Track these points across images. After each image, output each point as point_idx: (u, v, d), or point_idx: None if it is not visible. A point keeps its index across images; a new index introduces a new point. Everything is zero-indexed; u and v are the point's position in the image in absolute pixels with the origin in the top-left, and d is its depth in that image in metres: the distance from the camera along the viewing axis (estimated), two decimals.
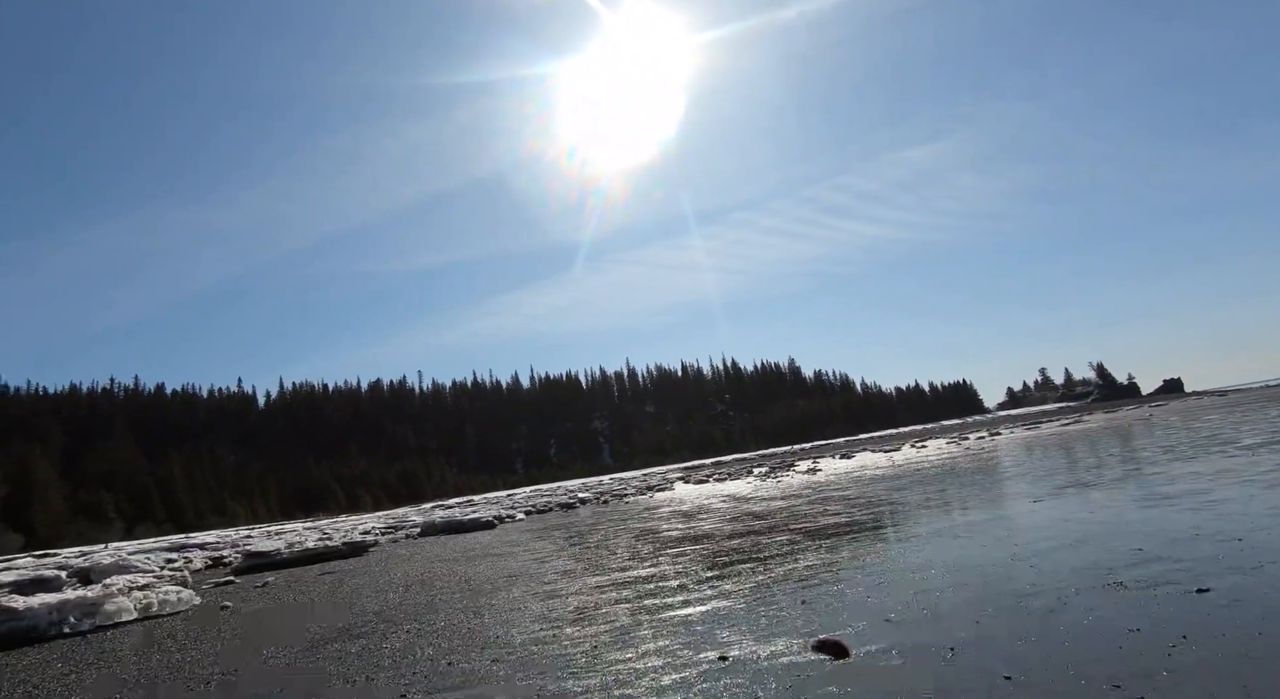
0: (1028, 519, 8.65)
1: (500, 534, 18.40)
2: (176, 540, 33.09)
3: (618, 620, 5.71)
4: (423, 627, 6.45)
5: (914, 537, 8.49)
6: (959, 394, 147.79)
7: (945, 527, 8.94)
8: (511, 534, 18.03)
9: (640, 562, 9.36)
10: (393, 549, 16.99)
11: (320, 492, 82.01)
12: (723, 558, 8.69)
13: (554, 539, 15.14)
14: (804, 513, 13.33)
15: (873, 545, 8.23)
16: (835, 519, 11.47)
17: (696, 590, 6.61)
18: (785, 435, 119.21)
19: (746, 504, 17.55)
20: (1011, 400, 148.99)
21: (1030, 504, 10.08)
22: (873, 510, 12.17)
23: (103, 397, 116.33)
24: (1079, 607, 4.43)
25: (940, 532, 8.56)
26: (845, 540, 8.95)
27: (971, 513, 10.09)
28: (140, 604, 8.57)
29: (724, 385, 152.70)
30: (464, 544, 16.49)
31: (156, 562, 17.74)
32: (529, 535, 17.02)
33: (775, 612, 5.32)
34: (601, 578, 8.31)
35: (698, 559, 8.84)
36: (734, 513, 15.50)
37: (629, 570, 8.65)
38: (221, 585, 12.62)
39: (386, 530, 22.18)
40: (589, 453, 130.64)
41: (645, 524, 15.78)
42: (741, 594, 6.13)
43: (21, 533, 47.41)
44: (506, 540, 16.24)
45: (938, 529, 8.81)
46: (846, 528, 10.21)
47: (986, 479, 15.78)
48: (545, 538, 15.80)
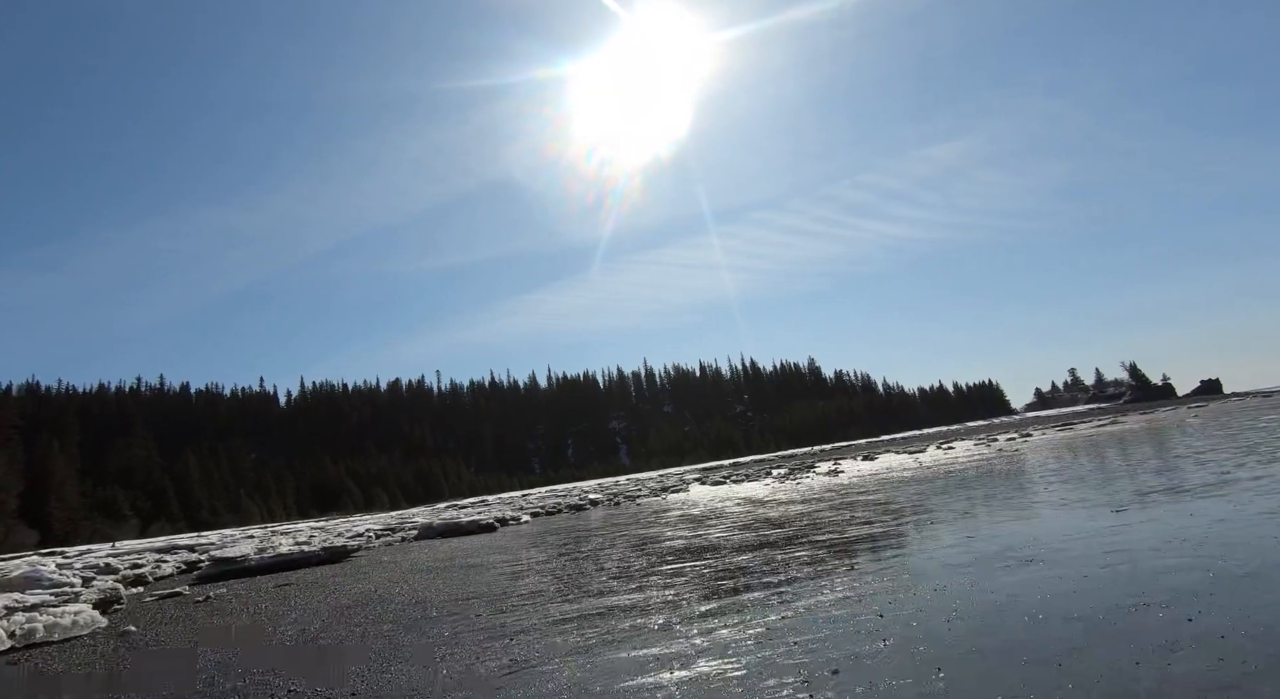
0: (1123, 536, 6.72)
1: (496, 539, 16.80)
2: (174, 541, 32.18)
3: (558, 686, 3.99)
4: (282, 688, 4.77)
5: (979, 558, 6.60)
6: (985, 395, 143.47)
7: (1013, 543, 7.05)
8: (507, 539, 16.42)
9: (627, 582, 7.63)
10: (375, 555, 15.43)
11: (336, 490, 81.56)
12: (726, 581, 6.91)
13: (547, 546, 13.48)
14: (827, 520, 11.48)
15: (924, 568, 6.38)
16: (865, 529, 9.60)
17: (683, 634, 4.85)
18: (805, 436, 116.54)
19: (762, 509, 15.72)
20: (1040, 401, 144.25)
21: (1112, 514, 8.12)
22: (908, 519, 10.28)
23: (129, 396, 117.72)
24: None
25: (1009, 551, 6.67)
26: (883, 559, 7.12)
27: (1037, 523, 8.17)
28: (22, 630, 7.08)
29: (743, 385, 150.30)
30: (452, 550, 14.92)
31: (118, 566, 16.47)
32: (525, 541, 15.40)
33: (791, 687, 3.54)
34: (570, 606, 6.58)
35: (695, 582, 7.07)
36: (747, 519, 13.70)
37: (608, 595, 6.92)
38: (166, 598, 11.13)
39: (384, 533, 20.71)
40: (606, 453, 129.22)
41: (649, 530, 14.05)
42: (744, 646, 4.35)
43: (37, 529, 47.23)
44: (498, 546, 14.63)
45: (1005, 547, 6.92)
46: (880, 541, 8.36)
47: (1037, 483, 13.74)
48: (539, 544, 14.16)
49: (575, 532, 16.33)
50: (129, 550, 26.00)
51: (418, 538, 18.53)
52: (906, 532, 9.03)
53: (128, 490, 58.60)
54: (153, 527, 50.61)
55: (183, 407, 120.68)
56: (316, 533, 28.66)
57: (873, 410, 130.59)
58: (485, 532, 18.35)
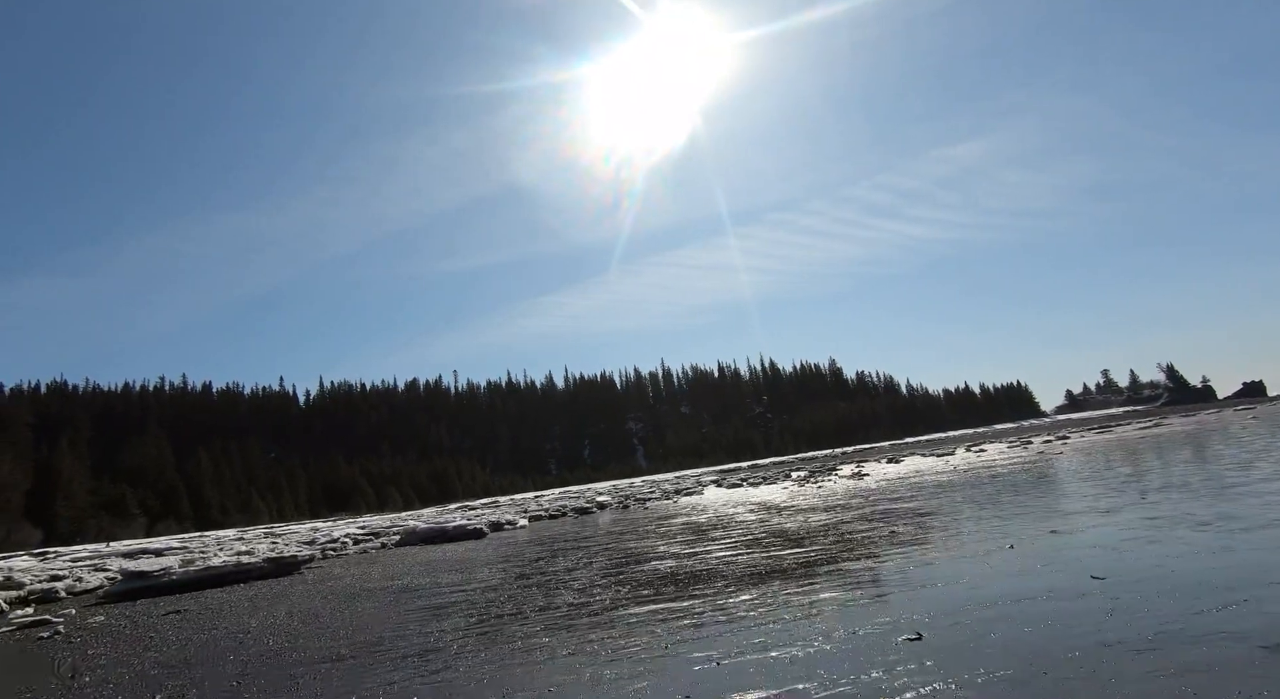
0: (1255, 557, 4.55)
1: (474, 548, 14.92)
2: (145, 545, 30.93)
3: None
4: None
5: (1115, 610, 4.46)
6: (1013, 396, 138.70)
7: (1146, 575, 4.91)
8: (484, 549, 14.53)
9: (567, 634, 5.61)
10: (327, 568, 13.52)
11: (349, 490, 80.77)
12: (707, 649, 4.87)
13: (516, 561, 11.52)
14: (857, 536, 9.34)
15: (1030, 639, 4.27)
16: (911, 552, 7.46)
17: None
18: (825, 438, 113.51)
19: (778, 517, 13.61)
20: (1071, 403, 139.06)
21: (1240, 533, 5.92)
22: (960, 536, 8.12)
23: (151, 395, 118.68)
24: None
25: (1140, 589, 4.53)
26: (954, 614, 5.02)
27: (1155, 548, 5.99)
28: None
29: (762, 386, 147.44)
30: (415, 562, 13.06)
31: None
32: (500, 552, 13.50)
33: None
34: (460, 677, 4.61)
35: (662, 643, 5.04)
36: (760, 530, 11.60)
37: (524, 663, 4.92)
38: (27, 627, 8.96)
39: (365, 537, 18.93)
40: (623, 454, 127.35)
41: (642, 543, 12.02)
42: None
43: (41, 528, 46.70)
44: (465, 560, 12.74)
45: (1133, 579, 4.77)
46: (938, 574, 6.24)
47: (1116, 491, 11.43)
48: (510, 558, 12.22)
49: (562, 541, 14.39)
50: (89, 555, 24.54)
51: (398, 544, 16.76)
52: (962, 557, 6.90)
53: (138, 489, 58.10)
54: (159, 525, 49.88)
55: (204, 406, 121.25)
56: (319, 533, 27.15)
57: (895, 412, 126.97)
58: (471, 538, 16.50)
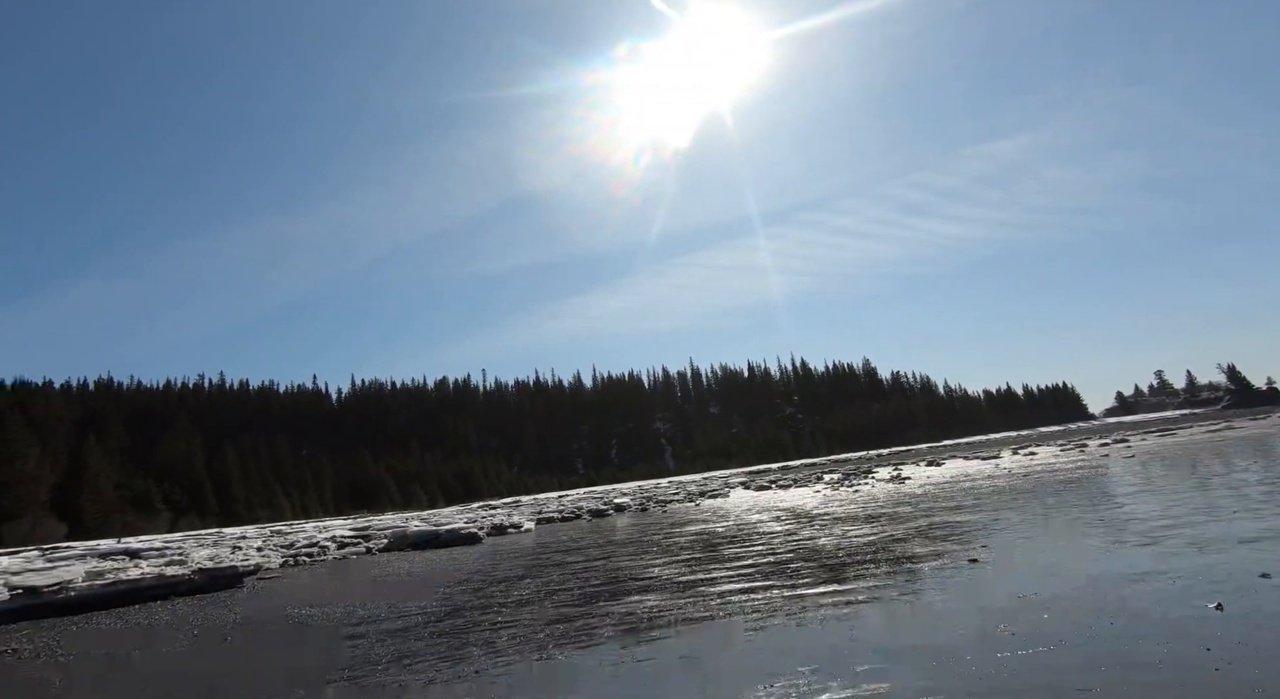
0: None
1: (457, 557, 13.44)
2: (128, 545, 30.51)
3: None
4: None
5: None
6: (1059, 398, 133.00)
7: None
8: (464, 561, 12.99)
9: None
10: (274, 583, 11.79)
11: (374, 488, 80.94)
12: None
13: (472, 585, 9.65)
14: (917, 560, 7.68)
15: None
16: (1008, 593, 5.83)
17: None
18: (859, 440, 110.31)
19: (810, 527, 11.96)
20: (1122, 406, 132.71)
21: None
22: (1087, 568, 6.42)
23: (190, 392, 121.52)
24: None
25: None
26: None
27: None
28: None
29: (793, 386, 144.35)
30: (377, 575, 11.65)
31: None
32: (475, 567, 11.91)
33: None
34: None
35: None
36: (787, 546, 9.96)
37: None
38: None
39: (354, 539, 17.81)
40: (650, 455, 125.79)
41: (636, 561, 10.32)
42: None
43: (67, 521, 47.09)
44: (429, 575, 11.29)
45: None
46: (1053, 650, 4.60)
47: (1235, 502, 9.53)
48: (470, 580, 10.38)
49: (552, 552, 12.92)
50: (81, 551, 23.98)
51: (384, 548, 15.53)
52: (1120, 614, 5.23)
53: (166, 485, 58.65)
54: (182, 521, 50.08)
55: (240, 403, 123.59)
56: (329, 528, 26.29)
57: (933, 413, 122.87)
58: (464, 543, 15.22)
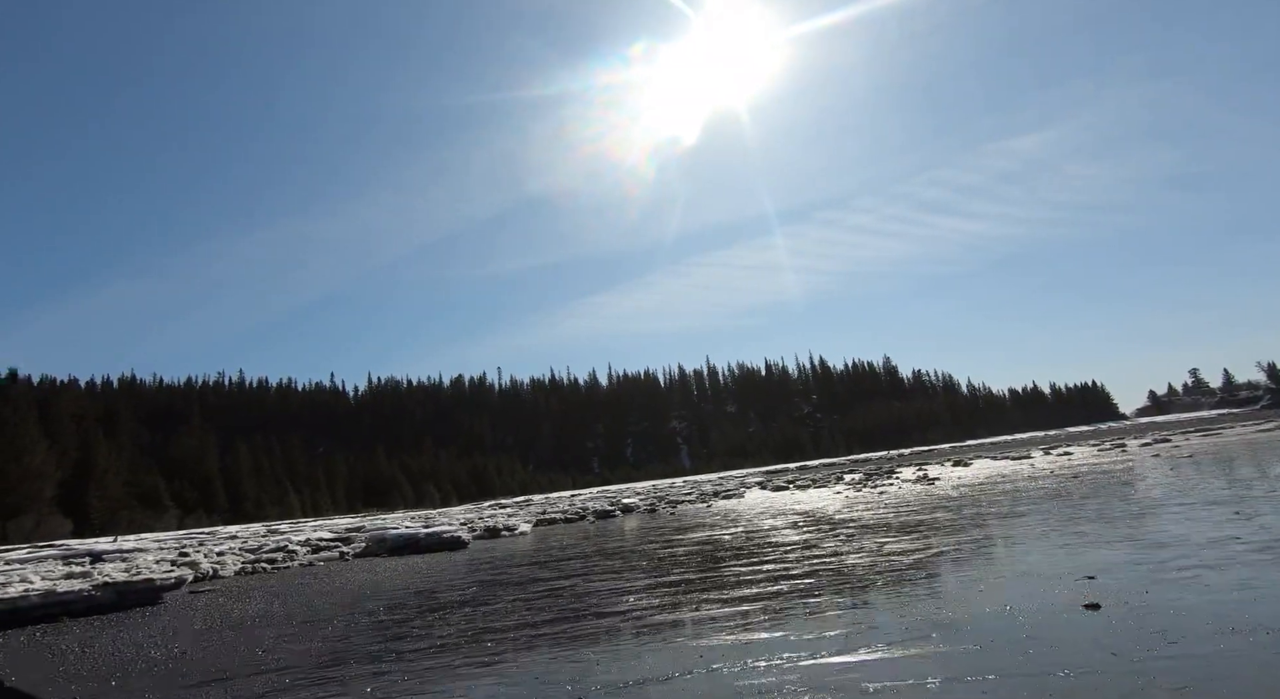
0: None
1: (424, 567, 11.86)
2: (69, 546, 29.67)
3: None
4: None
5: None
6: (1087, 397, 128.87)
7: None
8: (433, 570, 11.58)
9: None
10: (191, 600, 10.06)
11: (387, 485, 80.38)
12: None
13: (399, 613, 8.53)
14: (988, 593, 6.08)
15: None
16: None
17: None
18: (879, 439, 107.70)
19: (834, 537, 10.34)
20: (1155, 405, 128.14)
21: None
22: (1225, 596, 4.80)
23: (211, 390, 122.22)
24: None
25: None
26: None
27: None
28: None
29: (811, 385, 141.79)
30: (321, 590, 10.19)
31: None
32: (437, 579, 10.49)
33: None
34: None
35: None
36: (805, 563, 8.35)
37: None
38: None
39: (333, 543, 16.43)
40: (666, 453, 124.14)
41: (614, 582, 8.84)
42: None
43: (74, 518, 46.70)
44: (381, 587, 9.93)
45: None
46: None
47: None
48: (402, 607, 9.29)
49: (529, 563, 11.41)
50: (54, 554, 22.78)
51: (360, 554, 14.19)
52: None
53: (177, 481, 58.30)
54: (189, 518, 49.60)
55: (259, 401, 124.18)
56: (303, 529, 25.14)
57: (956, 412, 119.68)
58: (446, 548, 13.82)
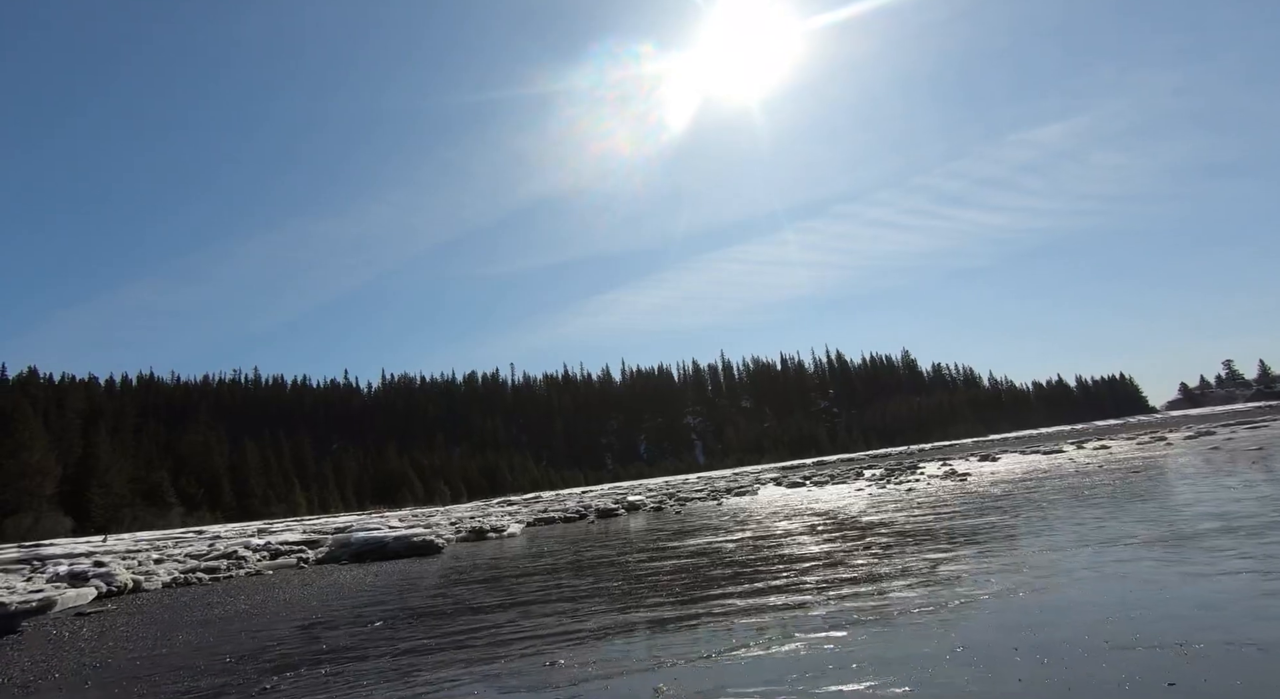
0: None
1: (381, 577, 10.33)
2: (38, 548, 28.64)
3: None
4: None
5: None
6: (1115, 390, 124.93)
7: None
8: (382, 585, 10.09)
9: None
10: (64, 627, 7.81)
11: (398, 482, 79.52)
12: None
13: (265, 660, 7.00)
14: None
15: None
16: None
17: None
18: (898, 434, 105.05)
19: (864, 547, 8.55)
20: (1187, 398, 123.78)
21: None
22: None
23: (227, 387, 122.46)
24: None
25: None
26: None
27: None
28: None
29: (828, 379, 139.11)
30: (217, 614, 8.74)
31: None
32: (387, 594, 9.03)
33: None
34: None
35: None
36: (829, 591, 6.60)
37: None
38: None
39: (297, 547, 14.76)
40: (680, 449, 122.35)
41: (567, 612, 7.26)
42: None
43: (74, 515, 45.95)
44: (290, 610, 8.35)
45: None
46: None
47: None
48: (262, 655, 7.69)
49: (485, 577, 9.82)
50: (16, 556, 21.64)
51: (321, 561, 12.68)
52: None
53: (181, 478, 57.61)
54: (193, 515, 48.84)
55: (275, 398, 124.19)
56: (279, 531, 23.72)
57: (978, 407, 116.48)
58: (417, 554, 12.27)
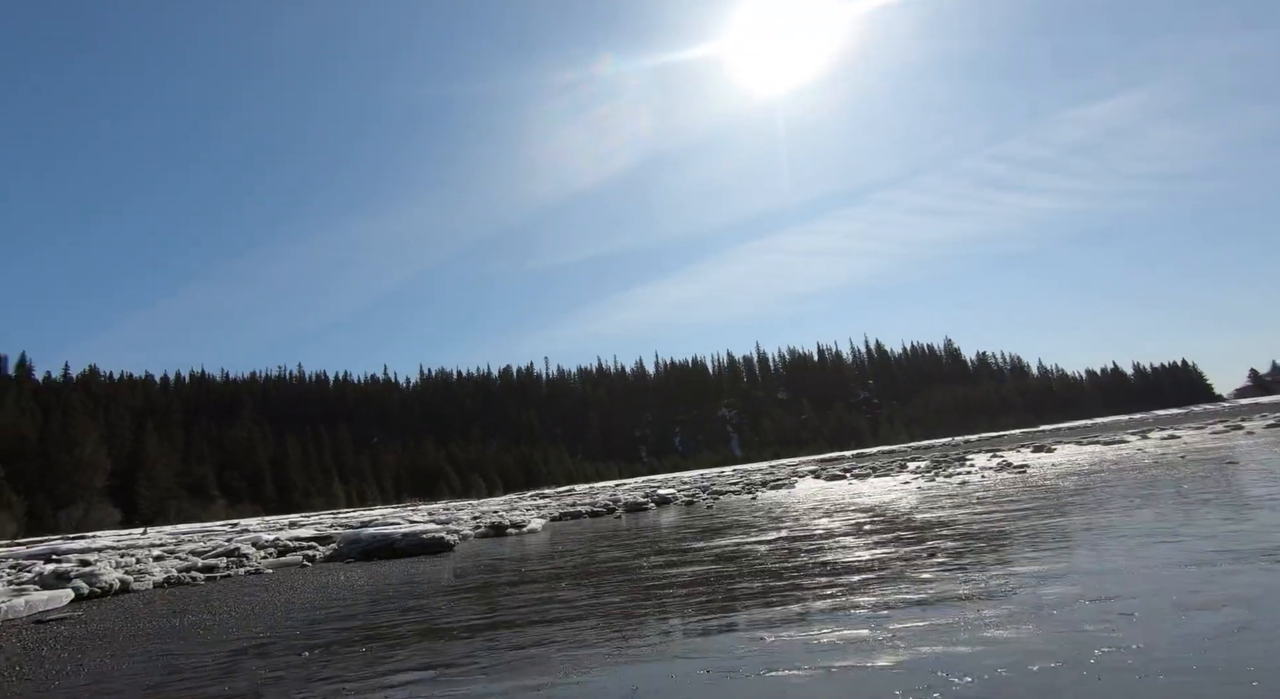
0: None
1: (383, 578, 9.42)
2: (29, 546, 28.80)
3: None
4: None
5: None
6: (1177, 378, 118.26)
7: None
8: (367, 589, 9.25)
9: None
10: (22, 636, 6.97)
11: (434, 475, 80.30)
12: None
13: (285, 646, 6.06)
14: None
15: None
16: None
17: None
18: (942, 426, 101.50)
19: (924, 552, 7.24)
20: (1257, 385, 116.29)
21: None
22: None
23: (274, 383, 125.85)
24: None
25: None
26: None
27: None
28: None
29: (867, 370, 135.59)
30: (184, 622, 7.94)
31: None
32: (371, 605, 8.13)
33: None
34: None
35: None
36: (894, 638, 5.38)
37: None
38: None
39: (305, 544, 14.04)
40: (716, 442, 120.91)
41: (562, 639, 6.19)
42: None
43: (123, 507, 47.24)
44: (273, 615, 7.46)
45: None
46: None
47: None
48: (237, 666, 6.76)
49: (478, 582, 8.82)
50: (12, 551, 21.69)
51: (328, 558, 11.97)
52: None
53: (226, 472, 58.91)
54: (235, 508, 49.85)
55: (318, 394, 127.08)
56: (304, 524, 23.41)
57: (1027, 396, 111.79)
58: (427, 552, 11.44)
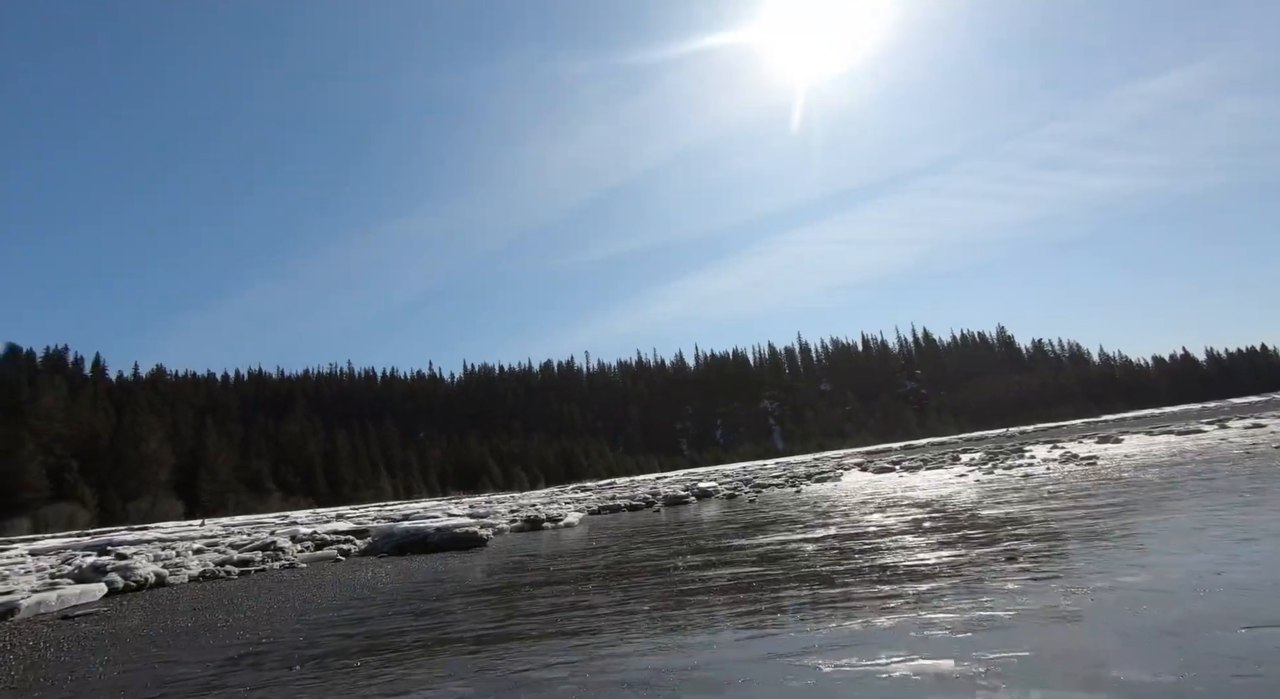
0: None
1: (408, 574, 9.13)
2: (138, 534, 29.50)
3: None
4: None
5: None
6: (1255, 363, 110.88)
7: None
8: (386, 587, 8.98)
9: None
10: (41, 633, 7.10)
11: (478, 469, 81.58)
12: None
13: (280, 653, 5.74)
14: None
15: None
16: None
17: None
18: (995, 416, 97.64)
19: (1002, 553, 6.53)
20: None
21: None
22: None
23: (326, 380, 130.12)
24: None
25: None
26: None
27: None
28: None
29: (914, 360, 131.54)
30: (198, 622, 7.74)
31: None
32: (383, 607, 7.85)
33: None
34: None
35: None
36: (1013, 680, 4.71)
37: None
38: None
39: (342, 538, 13.98)
40: (758, 435, 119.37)
41: (578, 649, 5.71)
42: None
43: (186, 500, 49.21)
44: (307, 608, 7.20)
45: None
46: None
47: None
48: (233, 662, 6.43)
49: (501, 583, 8.41)
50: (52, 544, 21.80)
51: (363, 553, 11.89)
52: None
53: (281, 466, 60.88)
54: (289, 501, 51.50)
55: (367, 389, 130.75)
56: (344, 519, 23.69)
57: (1088, 385, 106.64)
58: (459, 547, 11.19)
